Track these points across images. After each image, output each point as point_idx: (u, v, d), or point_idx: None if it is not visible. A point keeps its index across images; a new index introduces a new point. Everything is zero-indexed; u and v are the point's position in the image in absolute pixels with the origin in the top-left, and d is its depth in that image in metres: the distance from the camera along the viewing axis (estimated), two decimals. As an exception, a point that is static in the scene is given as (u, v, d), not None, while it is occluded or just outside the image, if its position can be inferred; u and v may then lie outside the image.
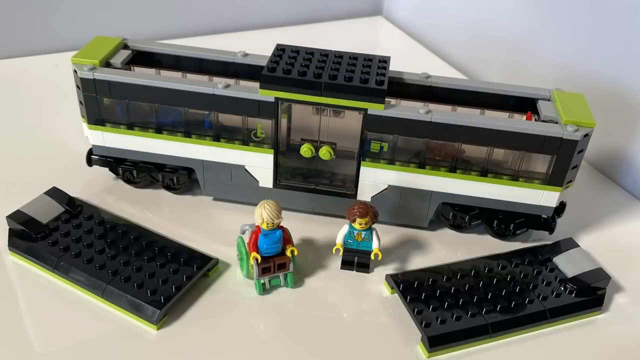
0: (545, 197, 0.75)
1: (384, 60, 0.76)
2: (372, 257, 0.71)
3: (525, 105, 0.78)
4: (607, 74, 0.94)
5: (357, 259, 0.73)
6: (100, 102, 0.76)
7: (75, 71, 0.76)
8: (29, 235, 0.71)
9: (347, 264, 0.73)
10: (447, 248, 0.78)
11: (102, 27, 1.09)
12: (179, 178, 0.82)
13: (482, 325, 0.65)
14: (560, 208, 0.79)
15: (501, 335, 0.66)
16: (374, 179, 0.77)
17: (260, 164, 0.78)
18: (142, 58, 0.83)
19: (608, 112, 0.92)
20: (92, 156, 0.82)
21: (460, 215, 0.79)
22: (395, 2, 1.46)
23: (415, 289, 0.68)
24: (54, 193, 0.76)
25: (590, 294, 0.70)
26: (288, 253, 0.68)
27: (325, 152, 0.76)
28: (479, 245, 0.78)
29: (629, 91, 0.91)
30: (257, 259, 0.67)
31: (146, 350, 0.62)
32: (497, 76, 1.16)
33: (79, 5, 1.20)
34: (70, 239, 0.71)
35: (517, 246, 0.77)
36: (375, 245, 0.71)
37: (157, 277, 0.67)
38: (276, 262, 0.68)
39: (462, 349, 0.65)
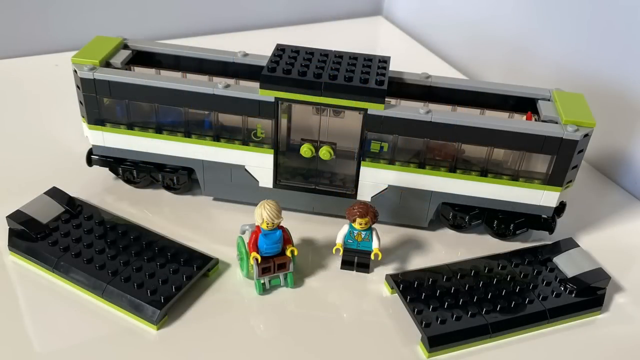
0: (545, 197, 0.75)
1: (384, 60, 0.76)
2: (372, 257, 0.71)
3: (525, 105, 0.78)
4: (607, 74, 0.94)
5: (357, 259, 0.73)
6: (100, 102, 0.76)
7: (75, 71, 0.76)
8: (29, 235, 0.71)
9: (347, 264, 0.73)
10: (447, 248, 0.78)
11: (102, 27, 1.09)
12: (179, 178, 0.82)
13: (482, 325, 0.65)
14: (560, 208, 0.79)
15: (501, 335, 0.66)
16: (374, 179, 0.77)
17: (260, 164, 0.78)
18: (142, 58, 0.83)
19: (608, 112, 0.92)
20: (92, 156, 0.82)
21: (460, 215, 0.79)
22: (395, 2, 1.46)
23: (415, 289, 0.68)
24: (54, 193, 0.76)
25: (590, 294, 0.70)
26: (288, 253, 0.68)
27: (325, 152, 0.76)
28: (479, 245, 0.78)
29: (629, 91, 0.91)
30: (257, 259, 0.67)
31: (146, 350, 0.62)
32: (497, 76, 1.16)
33: (79, 5, 1.20)
34: (70, 239, 0.71)
35: (517, 246, 0.77)
36: (375, 245, 0.71)
37: (157, 277, 0.67)
38: (276, 262, 0.68)
39: (462, 349, 0.65)
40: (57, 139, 0.93)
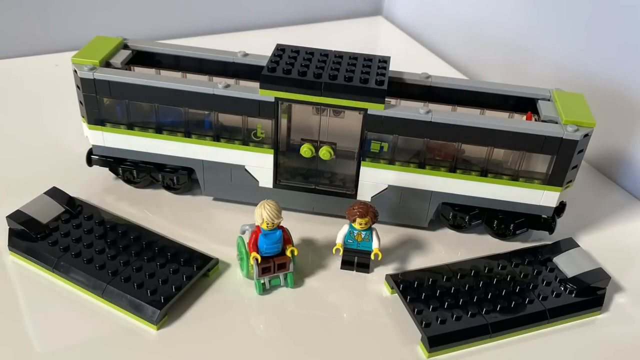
0: (545, 197, 0.75)
1: (384, 60, 0.76)
2: (372, 257, 0.71)
3: (525, 105, 0.78)
4: (607, 74, 0.94)
5: (357, 259, 0.73)
6: (100, 102, 0.77)
7: (75, 71, 0.76)
8: (29, 235, 0.71)
9: (347, 264, 0.73)
10: (447, 248, 0.78)
11: (102, 27, 1.09)
12: (179, 178, 0.82)
13: (482, 325, 0.65)
14: (560, 208, 0.79)
15: (501, 335, 0.66)
16: (374, 179, 0.77)
17: (260, 164, 0.78)
18: (142, 58, 0.83)
19: (608, 112, 0.92)
20: (92, 156, 0.82)
21: (460, 215, 0.79)
22: (395, 2, 1.46)
23: (415, 289, 0.68)
24: (54, 193, 0.76)
25: (590, 294, 0.70)
26: (288, 253, 0.68)
27: (325, 152, 0.76)
28: (479, 245, 0.78)
29: (629, 91, 0.91)
30: (257, 259, 0.67)
31: (146, 350, 0.62)
32: (497, 76, 1.16)
33: (79, 5, 1.20)
34: (70, 239, 0.71)
35: (517, 246, 0.77)
36: (375, 245, 0.71)
37: (157, 277, 0.67)
38: (276, 262, 0.68)
39: (462, 349, 0.65)
40: (57, 139, 0.93)
